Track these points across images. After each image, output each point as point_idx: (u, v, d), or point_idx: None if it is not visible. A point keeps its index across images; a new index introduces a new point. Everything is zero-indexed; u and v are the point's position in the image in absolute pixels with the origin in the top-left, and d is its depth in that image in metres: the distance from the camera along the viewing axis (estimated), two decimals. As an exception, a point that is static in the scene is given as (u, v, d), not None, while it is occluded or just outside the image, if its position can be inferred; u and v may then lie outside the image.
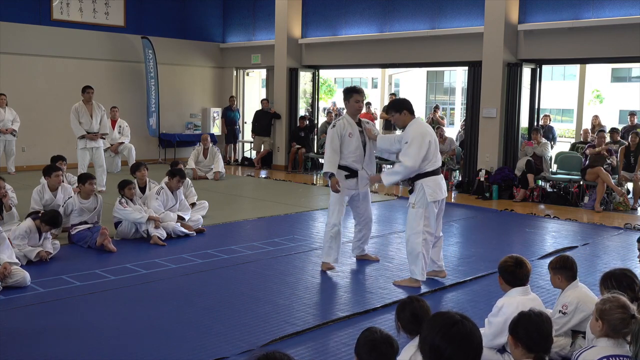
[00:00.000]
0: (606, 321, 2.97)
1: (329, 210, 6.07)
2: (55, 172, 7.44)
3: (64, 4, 13.73)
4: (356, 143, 5.94)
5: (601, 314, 3.00)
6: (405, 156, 5.47)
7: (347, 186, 6.00)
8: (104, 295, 5.29)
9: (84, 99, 10.21)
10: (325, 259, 6.07)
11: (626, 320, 2.95)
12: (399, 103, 5.70)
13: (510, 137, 11.16)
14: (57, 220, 6.25)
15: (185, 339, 4.32)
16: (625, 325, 2.94)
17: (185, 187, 8.19)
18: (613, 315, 2.96)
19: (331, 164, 5.86)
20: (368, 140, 6.04)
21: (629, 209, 9.70)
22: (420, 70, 34.92)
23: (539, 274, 5.93)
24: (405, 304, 3.20)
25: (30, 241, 6.12)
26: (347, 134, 5.92)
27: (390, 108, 5.81)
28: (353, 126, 5.97)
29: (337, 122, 6.02)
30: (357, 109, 6.04)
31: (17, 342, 4.24)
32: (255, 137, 14.98)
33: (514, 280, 3.78)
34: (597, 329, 3.02)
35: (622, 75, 34.28)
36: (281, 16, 14.32)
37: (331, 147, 5.88)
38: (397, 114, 5.62)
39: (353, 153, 5.95)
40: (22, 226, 6.16)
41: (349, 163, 5.97)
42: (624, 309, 2.98)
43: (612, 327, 2.96)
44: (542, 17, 10.89)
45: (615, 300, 3.04)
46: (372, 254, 6.56)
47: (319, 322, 4.68)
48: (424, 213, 5.52)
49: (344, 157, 5.95)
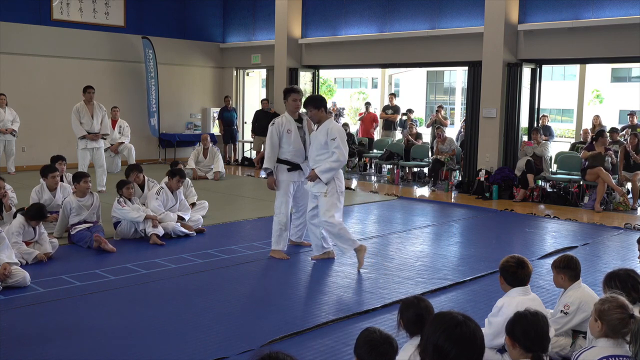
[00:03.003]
0: (605, 321, 2.97)
1: (278, 203, 6.53)
2: (52, 172, 7.44)
3: (64, 4, 13.73)
4: (295, 139, 6.47)
5: (600, 314, 3.00)
6: (340, 150, 6.02)
7: (290, 178, 6.54)
8: (104, 295, 5.28)
9: (84, 99, 10.21)
10: (275, 247, 6.54)
11: (625, 320, 2.94)
12: (319, 100, 6.25)
13: (510, 137, 11.17)
14: (42, 212, 6.26)
15: (185, 339, 4.32)
16: (625, 325, 2.94)
17: (185, 187, 8.19)
18: (612, 316, 2.96)
19: (269, 160, 6.47)
20: (308, 135, 6.48)
21: (629, 209, 9.70)
22: (420, 70, 34.91)
23: (539, 274, 5.93)
24: (410, 304, 3.17)
25: (25, 237, 6.13)
26: (285, 130, 6.46)
27: (309, 103, 6.21)
28: (292, 123, 6.50)
29: (276, 120, 6.56)
30: (295, 107, 6.55)
31: (17, 342, 4.23)
32: (255, 137, 14.98)
33: (514, 280, 3.78)
34: (597, 329, 3.02)
35: (622, 75, 34.27)
36: (281, 16, 14.32)
37: (270, 144, 6.46)
38: (315, 110, 6.13)
39: (293, 147, 6.48)
40: (15, 223, 6.16)
41: (290, 157, 6.51)
42: (622, 309, 2.98)
43: (611, 327, 2.96)
44: (542, 17, 10.90)
45: (614, 300, 3.03)
46: (305, 241, 6.91)
47: (319, 322, 4.68)
48: (335, 201, 6.11)
49: (284, 152, 6.50)
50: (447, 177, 12.17)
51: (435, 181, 12.05)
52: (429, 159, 12.63)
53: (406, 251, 6.94)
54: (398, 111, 14.97)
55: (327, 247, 6.49)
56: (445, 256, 6.82)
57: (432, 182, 12.08)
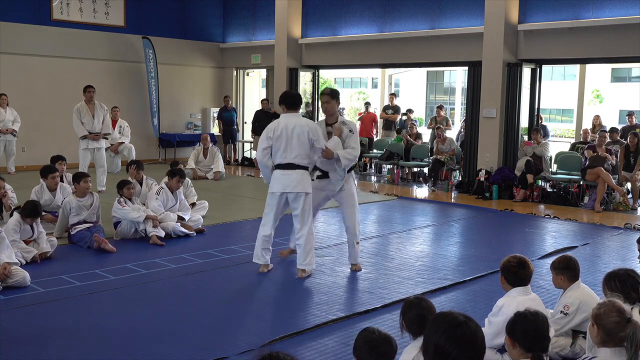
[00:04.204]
0: (601, 326, 2.92)
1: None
2: (52, 173, 7.44)
3: (64, 4, 13.73)
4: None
5: (596, 318, 2.95)
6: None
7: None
8: (104, 295, 5.28)
9: (85, 99, 10.20)
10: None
11: (621, 324, 2.89)
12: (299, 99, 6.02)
13: (510, 137, 11.17)
14: (37, 210, 6.26)
15: (185, 339, 4.32)
16: (621, 329, 2.88)
17: (185, 187, 8.19)
18: (608, 319, 2.91)
19: None
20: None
21: (629, 209, 9.70)
22: (420, 70, 34.89)
23: (539, 274, 5.92)
24: (412, 304, 3.16)
25: (23, 235, 6.13)
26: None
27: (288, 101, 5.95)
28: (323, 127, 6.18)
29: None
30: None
31: (17, 342, 4.23)
32: (255, 137, 14.96)
33: (515, 280, 3.78)
34: (594, 335, 2.97)
35: (622, 75, 34.25)
36: (281, 16, 14.32)
37: None
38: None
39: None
40: (11, 221, 6.16)
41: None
42: (619, 312, 2.92)
43: (608, 332, 2.90)
44: (542, 17, 10.90)
45: (611, 304, 2.98)
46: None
47: (319, 322, 4.68)
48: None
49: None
50: (447, 177, 12.17)
51: (435, 181, 12.05)
52: (428, 159, 12.63)
53: (406, 251, 6.94)
54: (398, 111, 14.97)
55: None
56: (445, 256, 6.82)
57: (432, 182, 12.08)
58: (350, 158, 5.93)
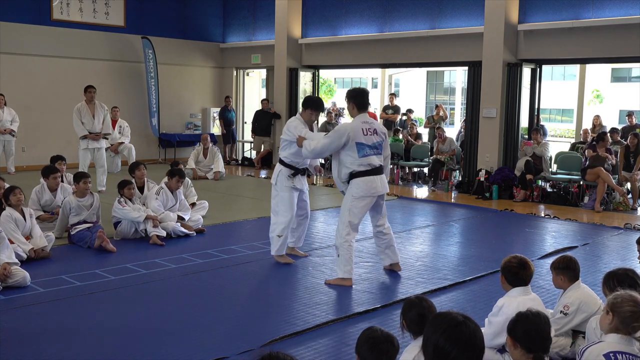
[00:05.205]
0: (617, 313, 3.00)
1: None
2: (53, 173, 7.45)
3: (64, 4, 13.73)
4: None
5: (612, 306, 3.04)
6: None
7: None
8: (104, 295, 5.28)
9: (85, 99, 10.20)
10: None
11: (636, 314, 2.98)
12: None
13: (510, 137, 11.17)
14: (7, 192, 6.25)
15: (185, 339, 4.32)
16: (635, 319, 2.98)
17: (185, 187, 8.19)
18: (624, 308, 2.99)
19: None
20: None
21: (629, 209, 9.70)
22: (420, 70, 34.88)
23: (539, 274, 5.92)
24: (412, 304, 3.17)
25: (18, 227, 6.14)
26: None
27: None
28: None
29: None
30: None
31: (17, 342, 4.23)
32: (255, 137, 14.98)
33: (516, 280, 3.78)
34: (607, 322, 3.05)
35: (622, 75, 34.25)
36: (281, 16, 14.32)
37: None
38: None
39: None
40: (4, 214, 6.15)
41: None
42: (635, 303, 3.02)
43: (622, 320, 2.99)
44: (542, 17, 10.90)
45: (627, 294, 3.09)
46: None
47: (319, 322, 4.68)
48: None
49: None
50: (447, 177, 12.17)
51: (435, 181, 12.05)
52: (428, 159, 12.63)
53: (406, 251, 6.93)
54: (398, 111, 14.96)
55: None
56: (445, 256, 6.82)
57: (432, 182, 12.08)
58: (308, 149, 5.81)
